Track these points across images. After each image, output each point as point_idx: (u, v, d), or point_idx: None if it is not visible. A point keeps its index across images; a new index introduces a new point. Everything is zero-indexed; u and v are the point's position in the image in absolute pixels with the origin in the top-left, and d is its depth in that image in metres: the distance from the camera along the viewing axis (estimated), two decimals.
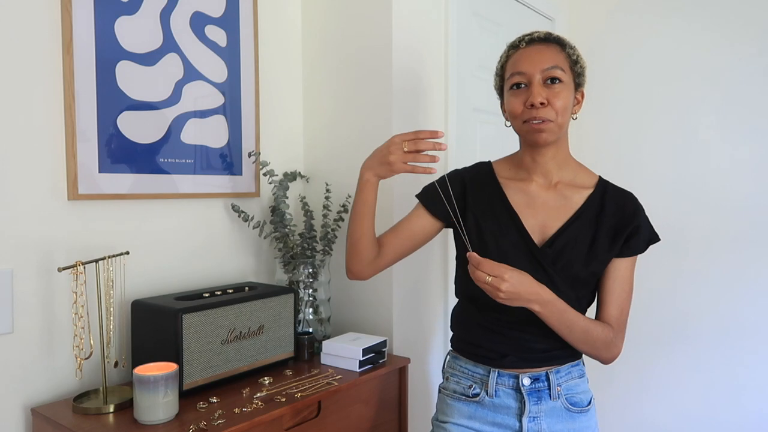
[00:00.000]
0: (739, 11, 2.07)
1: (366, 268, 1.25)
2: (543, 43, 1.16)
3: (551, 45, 1.15)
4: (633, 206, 1.19)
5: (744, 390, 2.10)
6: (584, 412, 1.19)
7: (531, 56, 1.14)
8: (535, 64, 1.13)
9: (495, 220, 1.20)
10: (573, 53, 1.16)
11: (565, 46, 1.16)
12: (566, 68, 1.14)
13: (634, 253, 1.18)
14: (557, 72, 1.12)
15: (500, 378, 1.18)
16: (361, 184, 1.18)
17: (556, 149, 1.19)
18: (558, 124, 1.13)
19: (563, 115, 1.13)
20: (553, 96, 1.12)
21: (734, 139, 2.10)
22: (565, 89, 1.13)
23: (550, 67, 1.12)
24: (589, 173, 1.24)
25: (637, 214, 1.18)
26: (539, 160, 1.20)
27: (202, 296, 1.36)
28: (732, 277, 2.11)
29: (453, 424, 1.22)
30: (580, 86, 1.19)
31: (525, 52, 1.16)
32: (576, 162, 1.25)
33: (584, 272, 1.15)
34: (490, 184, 1.25)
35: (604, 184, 1.22)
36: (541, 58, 1.13)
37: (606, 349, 1.16)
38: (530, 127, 1.13)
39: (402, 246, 1.27)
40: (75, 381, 1.31)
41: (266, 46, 1.71)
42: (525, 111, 1.13)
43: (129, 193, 1.39)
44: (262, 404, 1.20)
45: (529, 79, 1.13)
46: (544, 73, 1.12)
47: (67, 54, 1.27)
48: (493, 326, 1.19)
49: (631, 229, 1.17)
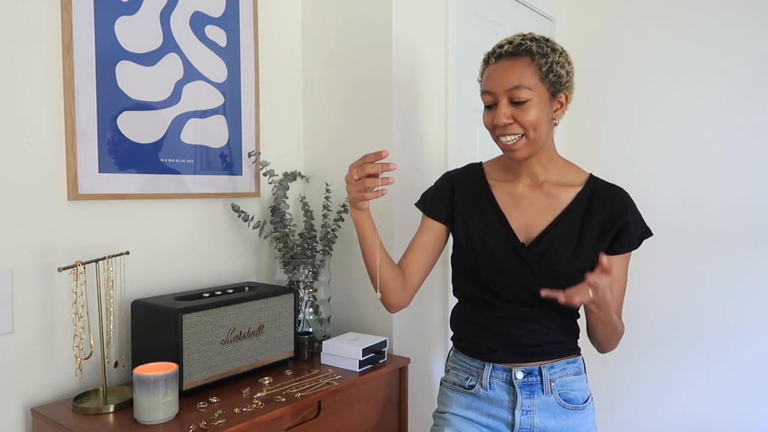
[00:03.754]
0: (739, 11, 2.07)
1: (401, 296, 1.25)
2: (510, 57, 1.13)
3: (519, 59, 1.12)
4: (622, 201, 1.20)
5: (743, 390, 2.10)
6: (579, 410, 1.20)
7: (496, 76, 1.14)
8: (499, 84, 1.13)
9: (482, 220, 1.22)
10: (545, 62, 1.12)
11: (535, 57, 1.12)
12: (534, 83, 1.12)
13: (627, 250, 1.19)
14: (521, 93, 1.11)
15: (494, 371, 1.20)
16: (354, 222, 1.17)
17: (539, 155, 1.20)
18: (531, 139, 1.14)
19: (536, 128, 1.13)
20: (519, 114, 1.12)
21: (734, 138, 2.10)
22: (533, 106, 1.12)
23: (513, 87, 1.11)
24: (578, 171, 1.25)
25: (627, 209, 1.19)
26: (524, 164, 1.22)
27: (202, 296, 1.36)
28: (731, 277, 2.11)
29: (451, 414, 1.25)
30: (559, 92, 1.16)
31: (493, 69, 1.15)
32: (563, 161, 1.25)
33: (570, 269, 1.16)
34: (478, 185, 1.27)
35: (594, 181, 1.23)
36: (505, 78, 1.12)
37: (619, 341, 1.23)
38: (503, 145, 1.16)
39: (424, 262, 1.28)
40: (75, 381, 1.31)
41: (266, 46, 1.71)
42: (495, 127, 1.15)
43: (129, 193, 1.39)
44: (262, 404, 1.21)
45: (496, 98, 1.14)
46: (508, 93, 1.12)
47: (67, 54, 1.27)
48: (486, 323, 1.22)
49: (620, 225, 1.17)
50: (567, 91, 1.18)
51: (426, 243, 1.28)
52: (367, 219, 1.17)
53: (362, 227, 1.16)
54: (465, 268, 1.24)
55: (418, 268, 1.27)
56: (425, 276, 1.29)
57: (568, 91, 1.18)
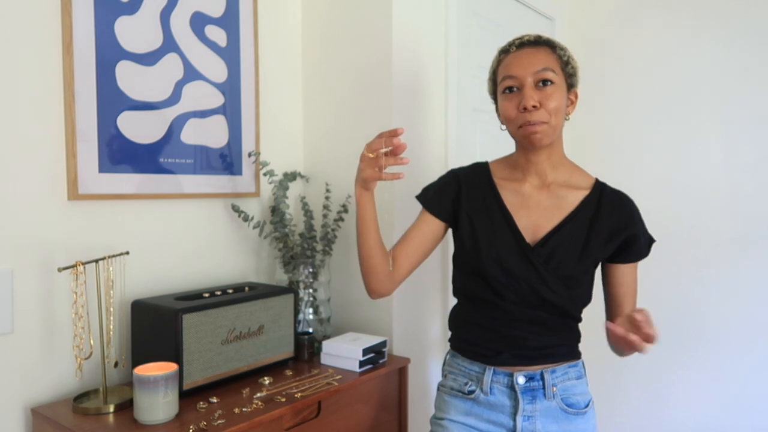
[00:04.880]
0: (739, 12, 2.07)
1: (384, 283, 1.23)
2: (533, 46, 1.16)
3: (541, 47, 1.16)
4: (629, 210, 1.21)
5: (750, 390, 2.10)
6: (581, 414, 1.19)
7: (521, 59, 1.15)
8: (525, 67, 1.13)
9: (489, 220, 1.22)
10: (564, 54, 1.17)
11: (556, 48, 1.17)
12: (557, 70, 1.15)
13: (638, 259, 1.22)
14: (548, 74, 1.13)
15: (495, 376, 1.19)
16: (356, 200, 1.17)
17: (551, 150, 1.20)
18: (552, 126, 1.14)
19: (557, 116, 1.14)
20: (545, 98, 1.12)
21: (735, 139, 2.10)
22: (557, 91, 1.13)
23: (541, 69, 1.13)
24: (584, 174, 1.25)
25: (634, 219, 1.20)
26: (534, 161, 1.21)
27: (202, 296, 1.36)
28: (732, 278, 2.11)
29: (449, 420, 1.23)
30: (573, 87, 1.19)
31: (516, 55, 1.16)
32: (571, 163, 1.25)
33: (576, 271, 1.16)
34: (485, 184, 1.26)
35: (601, 186, 1.23)
36: (531, 61, 1.14)
37: None
38: (525, 130, 1.14)
39: (414, 254, 1.26)
40: (75, 381, 1.31)
41: (266, 46, 1.71)
42: (518, 115, 1.14)
43: (129, 193, 1.39)
44: (262, 404, 1.21)
45: (521, 82, 1.14)
46: (535, 76, 1.13)
47: (67, 54, 1.27)
48: (489, 324, 1.21)
49: (628, 236, 1.19)
50: (576, 89, 1.21)
51: (421, 236, 1.27)
52: (371, 200, 1.16)
53: (364, 208, 1.16)
54: (469, 268, 1.22)
55: (408, 260, 1.25)
56: (413, 268, 1.28)
57: (576, 89, 1.21)
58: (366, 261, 1.20)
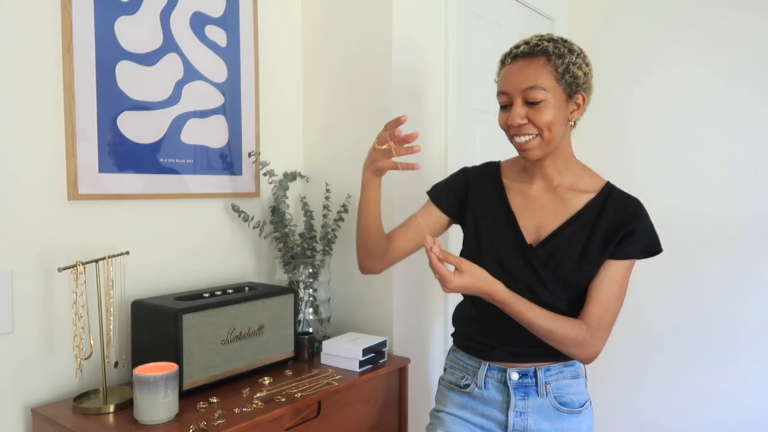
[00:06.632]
0: (739, 12, 2.07)
1: (377, 262, 1.26)
2: (527, 57, 1.13)
3: (535, 59, 1.12)
4: (633, 210, 1.16)
5: (740, 390, 2.10)
6: (575, 414, 1.19)
7: (512, 76, 1.14)
8: (515, 84, 1.13)
9: (493, 219, 1.23)
10: (561, 63, 1.11)
11: (551, 57, 1.11)
12: (550, 83, 1.11)
13: (626, 257, 1.15)
14: (536, 93, 1.11)
15: (489, 371, 1.21)
16: (363, 182, 1.19)
17: (554, 157, 1.19)
18: (545, 139, 1.13)
19: (550, 129, 1.12)
20: (534, 114, 1.12)
21: (734, 139, 2.09)
22: (547, 106, 1.11)
23: (528, 87, 1.11)
24: (594, 178, 1.23)
25: (636, 218, 1.15)
26: (538, 166, 1.21)
27: (202, 296, 1.36)
28: (733, 278, 2.10)
29: (446, 413, 1.26)
30: (576, 93, 1.15)
31: (509, 69, 1.15)
32: (581, 166, 1.24)
33: (575, 275, 1.15)
34: (494, 184, 1.27)
35: (610, 188, 1.21)
36: (520, 79, 1.12)
37: (577, 347, 1.13)
38: (517, 145, 1.16)
39: (412, 240, 1.28)
40: (75, 381, 1.31)
41: (266, 46, 1.71)
42: (509, 128, 1.15)
43: (129, 193, 1.39)
44: (262, 404, 1.21)
45: (510, 99, 1.14)
46: (523, 94, 1.12)
47: (67, 54, 1.27)
48: (485, 320, 1.22)
49: (625, 232, 1.14)
50: (584, 92, 1.16)
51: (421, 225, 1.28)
52: (378, 185, 1.18)
53: (372, 191, 1.18)
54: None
55: (404, 244, 1.27)
56: (408, 253, 1.29)
57: (585, 93, 1.16)
58: (364, 238, 1.22)
